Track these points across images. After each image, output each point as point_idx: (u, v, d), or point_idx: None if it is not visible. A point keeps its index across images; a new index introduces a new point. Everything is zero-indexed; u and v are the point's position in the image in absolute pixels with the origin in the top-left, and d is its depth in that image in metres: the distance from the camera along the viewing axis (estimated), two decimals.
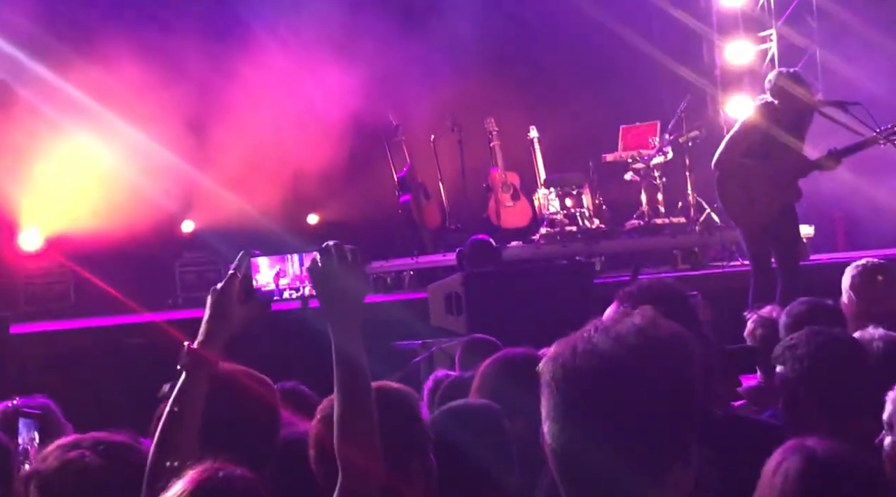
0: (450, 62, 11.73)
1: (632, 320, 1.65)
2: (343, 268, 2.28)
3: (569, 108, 11.93)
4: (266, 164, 10.82)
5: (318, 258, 2.31)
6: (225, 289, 2.50)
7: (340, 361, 2.24)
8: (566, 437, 1.61)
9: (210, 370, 2.46)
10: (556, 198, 10.83)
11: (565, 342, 1.66)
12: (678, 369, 1.63)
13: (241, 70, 10.80)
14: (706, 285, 8.73)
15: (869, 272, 4.64)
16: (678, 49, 13.29)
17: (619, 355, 1.60)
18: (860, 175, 10.97)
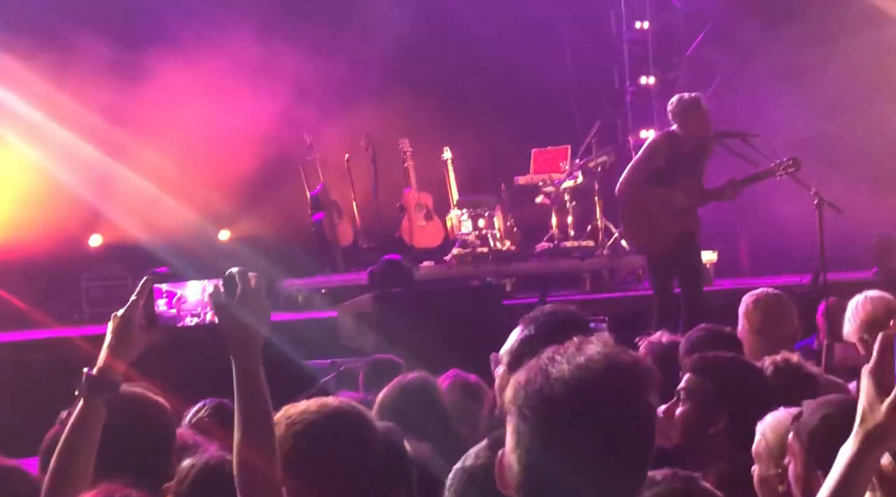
0: (365, 82, 11.78)
1: (596, 348, 1.72)
2: (246, 296, 2.28)
3: (482, 130, 12.06)
4: (177, 179, 10.73)
5: (220, 286, 2.32)
6: (126, 314, 2.48)
7: (241, 389, 2.25)
8: (538, 462, 1.66)
9: (109, 397, 2.43)
10: (469, 219, 10.93)
11: (533, 370, 1.71)
12: (643, 395, 1.71)
13: (152, 86, 10.71)
14: (613, 309, 8.91)
15: (763, 301, 4.80)
16: (590, 75, 13.55)
17: (590, 381, 1.66)
18: (763, 202, 11.30)
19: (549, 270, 10.95)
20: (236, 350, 2.26)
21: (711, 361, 3.23)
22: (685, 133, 7.28)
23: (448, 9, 12.02)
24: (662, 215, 7.27)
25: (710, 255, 10.40)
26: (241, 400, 2.25)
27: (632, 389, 1.70)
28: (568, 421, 1.65)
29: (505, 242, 10.94)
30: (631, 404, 1.68)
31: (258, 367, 2.26)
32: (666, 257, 7.28)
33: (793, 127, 12.10)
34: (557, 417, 1.66)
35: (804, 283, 8.62)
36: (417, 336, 6.72)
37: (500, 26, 12.25)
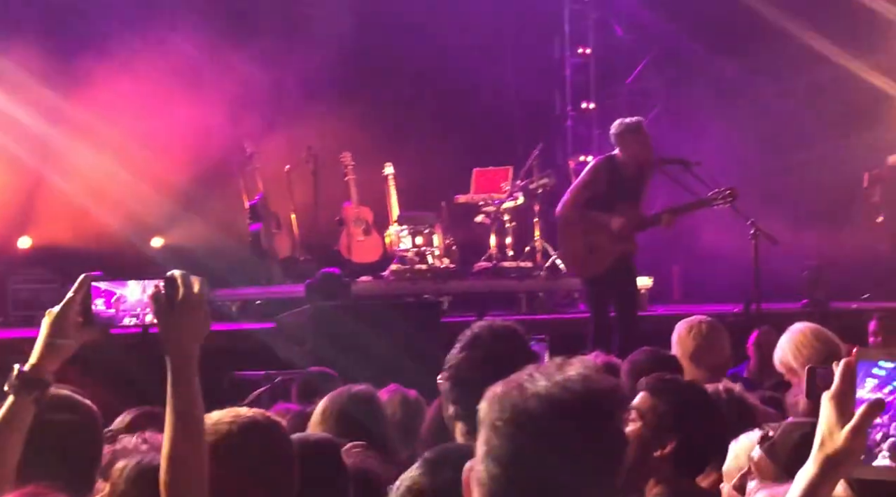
0: (309, 94, 11.75)
1: (576, 369, 1.73)
2: (188, 300, 2.26)
3: (425, 147, 12.09)
4: (111, 184, 10.59)
5: (161, 287, 2.29)
6: (62, 312, 2.42)
7: (175, 393, 2.22)
8: (506, 476, 1.66)
9: (40, 395, 2.36)
10: (408, 235, 10.93)
11: (510, 384, 1.72)
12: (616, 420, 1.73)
13: (88, 90, 10.57)
14: (548, 330, 8.95)
15: (697, 328, 4.86)
16: (532, 98, 13.66)
17: (566, 400, 1.67)
18: (698, 230, 11.46)
19: (487, 290, 10.98)
20: (174, 353, 2.24)
21: (668, 384, 3.25)
22: (626, 157, 7.36)
23: (395, 26, 12.05)
24: (601, 239, 7.34)
25: (646, 280, 10.51)
26: (174, 403, 2.22)
27: (607, 413, 1.71)
28: (539, 437, 1.66)
29: (443, 260, 10.95)
30: (603, 428, 1.69)
31: (194, 372, 2.23)
32: (603, 281, 7.34)
33: (731, 157, 12.31)
34: (529, 432, 1.66)
35: (736, 312, 8.74)
36: (353, 350, 6.70)
37: (446, 46, 12.30)
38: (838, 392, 1.78)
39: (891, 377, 1.81)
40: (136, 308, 2.55)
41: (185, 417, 2.21)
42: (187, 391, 2.22)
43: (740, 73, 13.00)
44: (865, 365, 1.81)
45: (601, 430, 1.70)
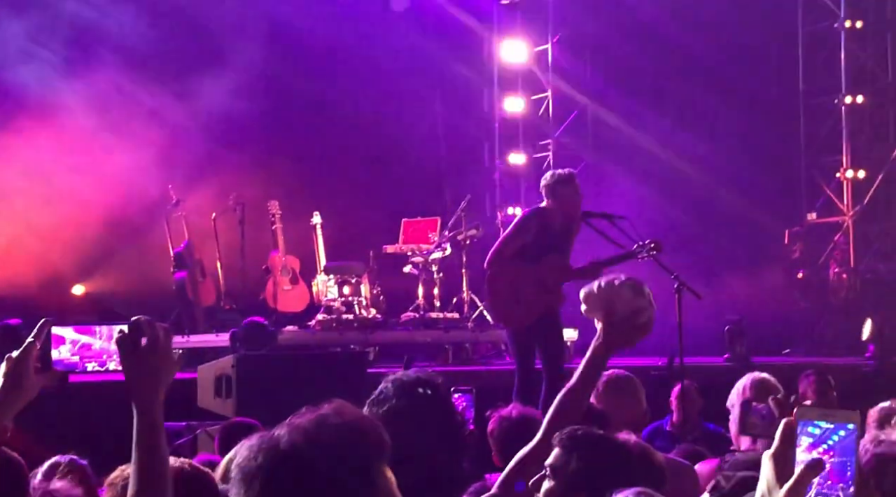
0: (235, 142, 11.71)
1: (318, 411, 1.74)
2: (154, 346, 2.23)
3: (353, 197, 12.11)
4: (31, 231, 10.42)
5: (126, 333, 2.27)
6: (21, 357, 2.37)
7: (141, 441, 2.19)
8: None
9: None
10: (335, 285, 10.88)
11: (255, 438, 1.73)
12: (354, 456, 1.72)
13: (11, 138, 10.43)
14: (475, 381, 8.95)
15: (613, 382, 4.89)
16: (462, 150, 13.78)
17: (298, 445, 1.69)
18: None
19: (414, 340, 10.95)
20: (138, 399, 2.20)
21: (580, 439, 3.22)
22: (556, 209, 7.41)
23: (325, 77, 12.09)
24: (528, 291, 7.37)
25: (571, 332, 10.58)
26: (139, 449, 2.19)
27: (339, 454, 1.71)
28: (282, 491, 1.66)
29: (370, 310, 10.91)
30: (338, 469, 1.70)
31: (159, 417, 2.21)
32: (529, 332, 7.36)
33: (654, 211, 12.52)
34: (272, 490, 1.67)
35: (660, 366, 8.83)
36: (277, 400, 6.62)
37: (376, 97, 12.39)
38: (778, 451, 1.81)
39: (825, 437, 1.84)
40: (101, 355, 2.50)
41: (151, 462, 2.18)
42: (152, 436, 2.19)
43: (665, 129, 13.26)
44: (802, 423, 1.84)
45: (338, 468, 1.70)
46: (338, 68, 12.13)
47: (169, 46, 11.20)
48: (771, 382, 4.53)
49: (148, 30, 11.07)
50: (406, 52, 12.80)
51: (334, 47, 12.18)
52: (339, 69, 12.14)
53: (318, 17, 12.07)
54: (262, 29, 11.92)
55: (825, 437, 1.83)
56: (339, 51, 12.23)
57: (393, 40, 12.66)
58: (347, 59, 12.27)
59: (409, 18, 12.89)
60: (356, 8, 12.32)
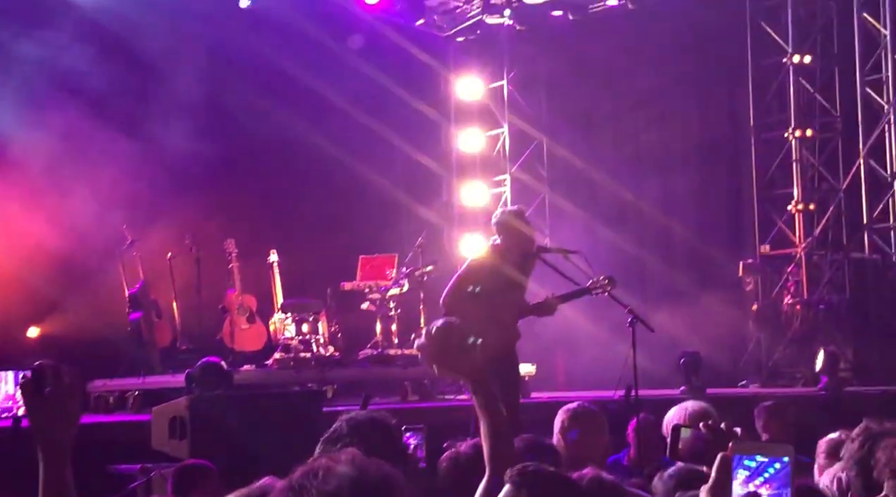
0: (191, 180, 11.67)
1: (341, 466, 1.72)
2: (58, 392, 2.23)
3: (310, 235, 12.11)
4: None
5: (30, 379, 2.25)
6: None
7: (46, 487, 2.17)
8: None
9: None
10: (293, 323, 10.86)
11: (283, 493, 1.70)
12: None
13: None
14: (434, 418, 8.94)
15: (575, 416, 4.90)
16: (419, 187, 13.84)
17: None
18: (582, 316, 11.65)
19: (372, 377, 10.93)
20: (44, 445, 2.19)
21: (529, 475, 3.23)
22: (508, 246, 7.46)
23: (282, 113, 12.10)
24: (485, 326, 7.38)
25: (529, 367, 10.61)
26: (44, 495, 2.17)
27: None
28: None
29: (328, 348, 10.89)
30: None
31: (66, 463, 2.20)
32: (485, 368, 7.37)
33: (610, 245, 12.63)
34: None
35: (617, 399, 8.86)
36: (234, 441, 6.57)
37: (334, 133, 12.41)
38: (715, 484, 1.84)
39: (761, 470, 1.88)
40: (7, 401, 2.48)
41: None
42: (58, 483, 2.17)
43: (618, 165, 13.40)
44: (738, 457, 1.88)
45: None
46: (293, 105, 12.15)
47: (121, 87, 11.16)
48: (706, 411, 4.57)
49: (100, 71, 11.05)
50: (362, 89, 12.86)
51: (290, 84, 12.20)
52: (294, 106, 12.15)
53: (273, 54, 12.10)
54: (216, 67, 11.93)
55: (761, 470, 1.88)
56: (295, 88, 12.25)
57: (349, 77, 12.72)
58: (304, 96, 12.30)
59: (366, 55, 12.96)
60: (312, 46, 12.37)
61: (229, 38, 11.91)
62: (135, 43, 11.41)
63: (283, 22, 12.28)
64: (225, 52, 11.88)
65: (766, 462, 1.87)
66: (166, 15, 11.48)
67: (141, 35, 11.41)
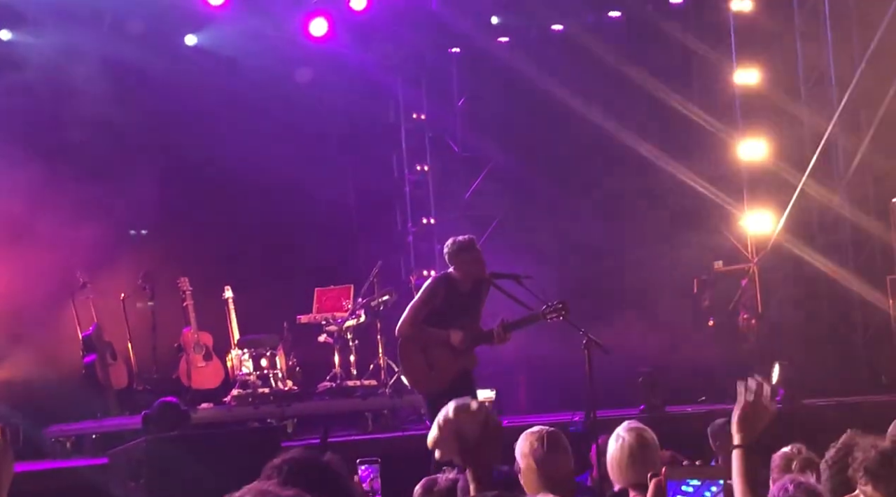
0: (143, 220, 11.59)
1: None
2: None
3: (264, 269, 12.05)
4: None
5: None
6: None
7: None
8: None
9: None
10: (250, 359, 10.79)
11: None
12: None
13: None
14: (394, 448, 8.90)
15: (539, 439, 4.90)
16: (373, 216, 13.82)
17: None
18: (542, 339, 11.66)
19: (332, 410, 10.87)
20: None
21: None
22: (461, 274, 7.49)
23: (232, 146, 12.06)
24: (440, 355, 7.40)
25: (489, 392, 10.60)
26: None
27: None
28: None
29: (287, 382, 10.83)
30: None
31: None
32: (444, 396, 7.35)
33: (564, 268, 12.68)
34: None
35: (577, 421, 8.88)
36: (192, 482, 6.51)
37: (286, 165, 12.38)
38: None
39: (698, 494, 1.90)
40: None
41: None
42: None
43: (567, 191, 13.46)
44: (673, 483, 1.90)
45: None
46: (245, 140, 12.12)
47: (69, 132, 11.12)
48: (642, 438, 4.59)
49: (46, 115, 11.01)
50: (313, 120, 12.86)
51: (241, 119, 12.18)
52: (245, 141, 12.13)
53: (222, 89, 12.08)
54: (163, 107, 11.88)
55: (697, 495, 1.89)
56: (245, 122, 12.23)
57: (300, 110, 12.72)
58: (255, 131, 12.28)
59: (316, 86, 12.97)
60: (260, 80, 12.36)
61: (176, 76, 11.86)
62: (80, 86, 11.36)
63: (230, 58, 12.27)
64: (172, 89, 11.83)
65: (701, 486, 1.89)
66: (111, 57, 11.46)
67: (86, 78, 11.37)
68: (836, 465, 3.06)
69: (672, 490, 1.91)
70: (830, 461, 3.08)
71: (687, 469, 1.94)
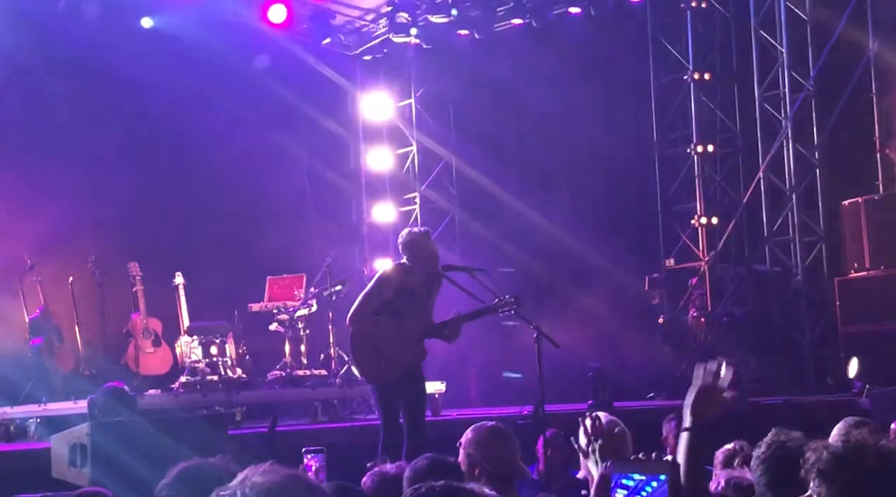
0: (92, 203, 11.45)
1: None
2: None
3: (216, 256, 11.95)
4: None
5: None
6: None
7: None
8: None
9: None
10: (199, 346, 10.72)
11: None
12: None
13: None
14: (343, 437, 8.89)
15: (484, 434, 4.91)
16: (328, 205, 13.78)
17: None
18: (495, 332, 11.70)
19: (281, 399, 10.83)
20: None
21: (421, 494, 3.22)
22: (414, 265, 7.48)
23: (187, 133, 11.97)
24: (390, 346, 7.38)
25: (439, 385, 10.61)
26: None
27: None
28: None
29: (236, 370, 10.77)
30: None
31: None
32: (393, 387, 7.36)
33: (518, 265, 12.72)
34: None
35: (525, 414, 8.92)
36: (137, 468, 6.44)
37: (240, 153, 12.31)
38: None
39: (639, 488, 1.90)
40: None
41: None
42: None
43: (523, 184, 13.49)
44: (616, 476, 1.91)
45: None
46: (200, 125, 12.02)
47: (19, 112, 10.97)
48: None
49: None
50: (269, 108, 12.78)
51: (196, 104, 12.07)
52: (201, 126, 12.03)
53: (177, 74, 11.96)
54: (117, 89, 11.74)
55: (639, 488, 1.90)
56: (201, 108, 12.13)
57: (256, 97, 12.64)
58: (210, 116, 12.19)
59: (272, 74, 12.89)
60: (217, 65, 12.25)
61: (130, 60, 11.72)
62: (34, 66, 11.21)
63: (186, 42, 12.15)
64: (127, 72, 11.69)
65: (644, 480, 1.89)
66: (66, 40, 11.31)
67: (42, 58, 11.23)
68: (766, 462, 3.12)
69: (614, 483, 1.92)
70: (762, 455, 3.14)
71: (631, 462, 1.95)
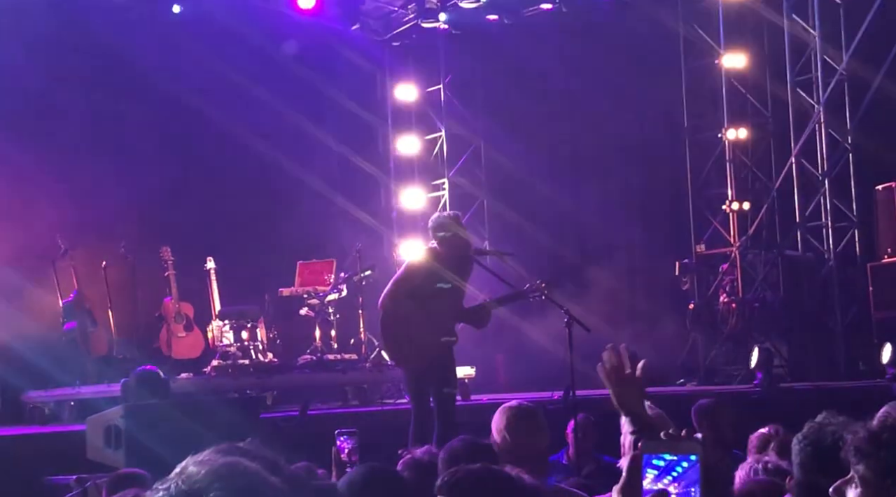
0: (127, 188, 11.53)
1: None
2: None
3: (247, 241, 12.01)
4: None
5: None
6: None
7: None
8: None
9: None
10: (231, 330, 10.78)
11: None
12: None
13: None
14: (374, 421, 8.94)
15: (515, 414, 4.92)
16: (357, 191, 13.81)
17: None
18: (523, 317, 11.69)
19: (312, 383, 10.88)
20: None
21: (459, 479, 3.21)
22: (444, 250, 7.48)
23: (218, 118, 12.00)
24: (420, 330, 7.39)
25: (468, 369, 10.63)
26: None
27: None
28: None
29: (267, 354, 10.83)
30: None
31: None
32: (424, 370, 7.38)
33: (547, 250, 12.68)
34: None
35: (556, 399, 8.92)
36: (170, 450, 6.49)
37: (271, 138, 12.34)
38: (625, 484, 1.86)
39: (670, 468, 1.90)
40: None
41: None
42: None
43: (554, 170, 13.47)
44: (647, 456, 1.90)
45: None
46: (230, 112, 12.06)
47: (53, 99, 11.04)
48: None
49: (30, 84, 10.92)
50: (299, 94, 12.81)
51: (227, 90, 12.11)
52: (231, 112, 12.06)
53: (207, 60, 12.00)
54: (148, 75, 11.79)
55: (670, 468, 1.90)
56: (231, 94, 12.17)
57: (286, 83, 12.67)
58: (240, 102, 12.22)
59: (302, 60, 12.91)
60: (247, 51, 12.29)
61: (161, 45, 11.78)
62: (66, 53, 11.27)
63: (216, 28, 12.19)
64: (158, 58, 11.75)
65: (675, 460, 1.89)
66: (96, 27, 11.37)
67: (72, 45, 11.29)
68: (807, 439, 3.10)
69: (644, 463, 1.92)
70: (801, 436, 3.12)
71: (661, 442, 1.95)
